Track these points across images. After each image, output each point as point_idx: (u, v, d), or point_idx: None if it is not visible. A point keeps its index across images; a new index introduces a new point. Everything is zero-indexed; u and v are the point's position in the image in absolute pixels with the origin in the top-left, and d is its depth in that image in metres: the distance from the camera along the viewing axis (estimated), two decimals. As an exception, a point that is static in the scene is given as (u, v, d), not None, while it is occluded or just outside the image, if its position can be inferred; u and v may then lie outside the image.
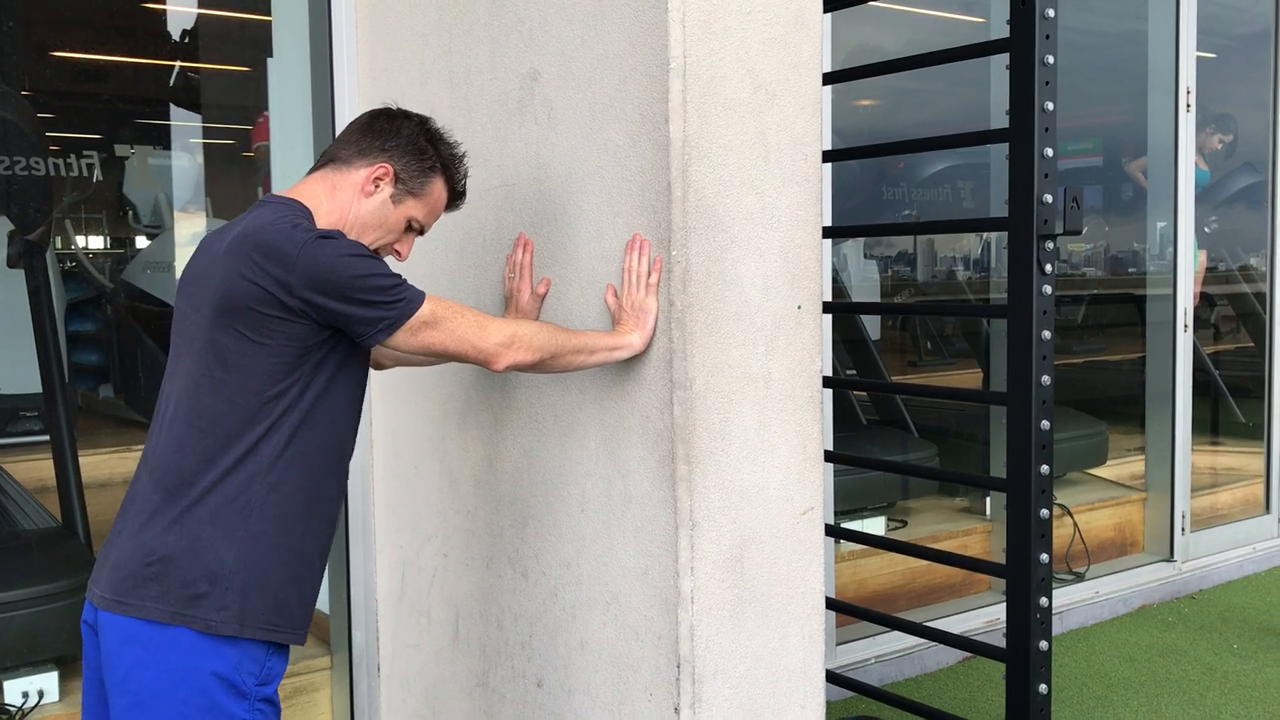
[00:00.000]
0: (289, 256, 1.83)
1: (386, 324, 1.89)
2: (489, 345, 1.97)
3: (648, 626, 2.13)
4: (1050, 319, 2.59)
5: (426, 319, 1.92)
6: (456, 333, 1.95)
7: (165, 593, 1.83)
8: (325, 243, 1.86)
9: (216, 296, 1.86)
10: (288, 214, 1.92)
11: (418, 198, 2.06)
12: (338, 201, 2.01)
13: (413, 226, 2.09)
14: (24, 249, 4.47)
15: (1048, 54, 2.53)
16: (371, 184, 2.02)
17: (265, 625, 1.88)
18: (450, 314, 1.96)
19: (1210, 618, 4.79)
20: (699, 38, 2.01)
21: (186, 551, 1.84)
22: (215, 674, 1.83)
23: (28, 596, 2.97)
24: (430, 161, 2.06)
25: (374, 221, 2.03)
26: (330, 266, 1.84)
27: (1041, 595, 2.64)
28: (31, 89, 5.71)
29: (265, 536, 1.88)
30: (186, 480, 1.86)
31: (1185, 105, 5.10)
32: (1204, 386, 6.16)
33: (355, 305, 1.86)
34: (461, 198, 2.15)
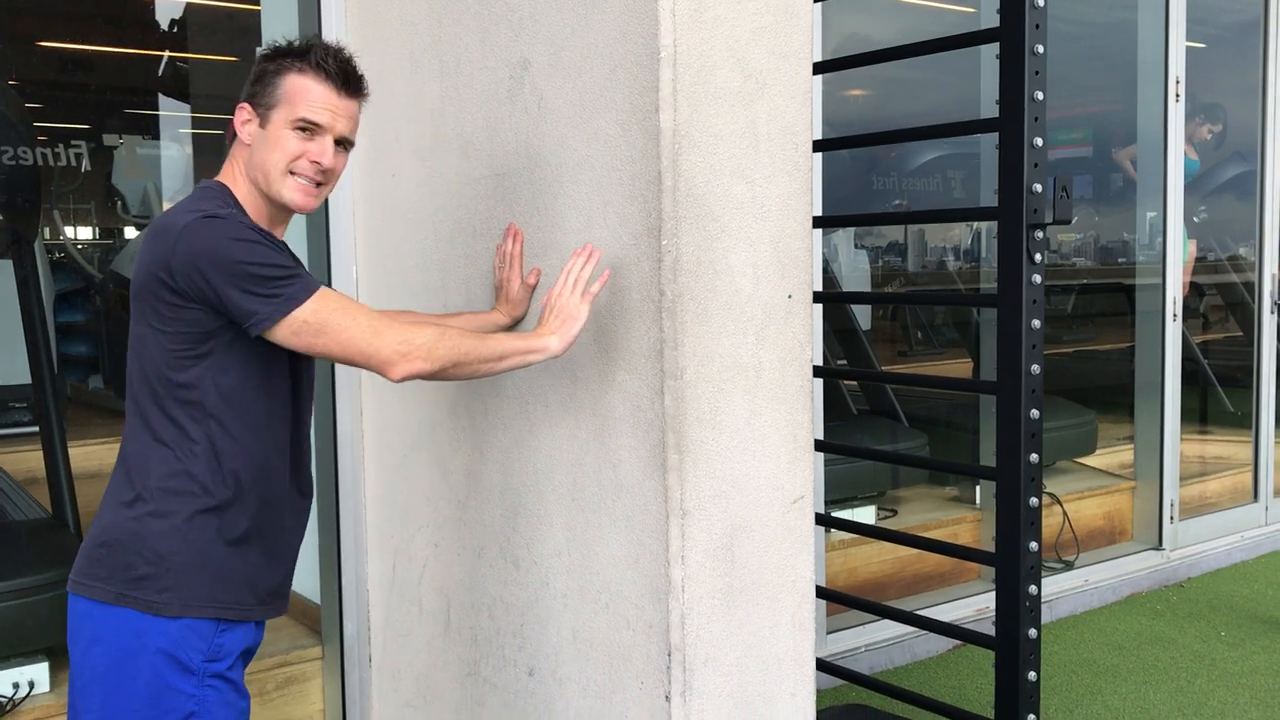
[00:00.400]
0: (170, 239, 1.83)
1: (260, 318, 1.84)
2: (381, 353, 1.89)
3: (639, 615, 2.13)
4: (1040, 308, 2.59)
5: (310, 319, 1.85)
6: (343, 338, 1.87)
7: (111, 574, 1.88)
8: (208, 224, 1.83)
9: (133, 288, 1.90)
10: (199, 198, 1.93)
11: (279, 105, 1.95)
12: (237, 163, 2.00)
13: (302, 127, 1.95)
14: (12, 239, 4.45)
15: (1038, 43, 2.53)
16: (242, 129, 1.98)
17: (209, 603, 1.91)
18: (339, 316, 1.87)
19: (1198, 605, 4.82)
20: (689, 27, 2.00)
21: (130, 534, 1.89)
22: (161, 651, 1.87)
23: (17, 587, 2.96)
24: (272, 71, 1.96)
25: (261, 154, 1.95)
26: (207, 250, 1.82)
27: (1031, 583, 2.65)
28: (19, 79, 5.68)
29: (203, 519, 1.91)
30: (133, 466, 1.92)
31: (1175, 95, 5.11)
32: (1193, 376, 6.19)
33: (232, 291, 1.82)
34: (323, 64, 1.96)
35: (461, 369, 1.97)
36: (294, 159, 1.95)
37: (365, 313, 1.91)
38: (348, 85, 1.99)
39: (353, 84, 2.01)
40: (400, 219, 2.85)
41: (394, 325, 1.92)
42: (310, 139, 1.96)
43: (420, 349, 1.90)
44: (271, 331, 1.85)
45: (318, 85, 1.96)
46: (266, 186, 1.97)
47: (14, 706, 2.93)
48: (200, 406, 1.89)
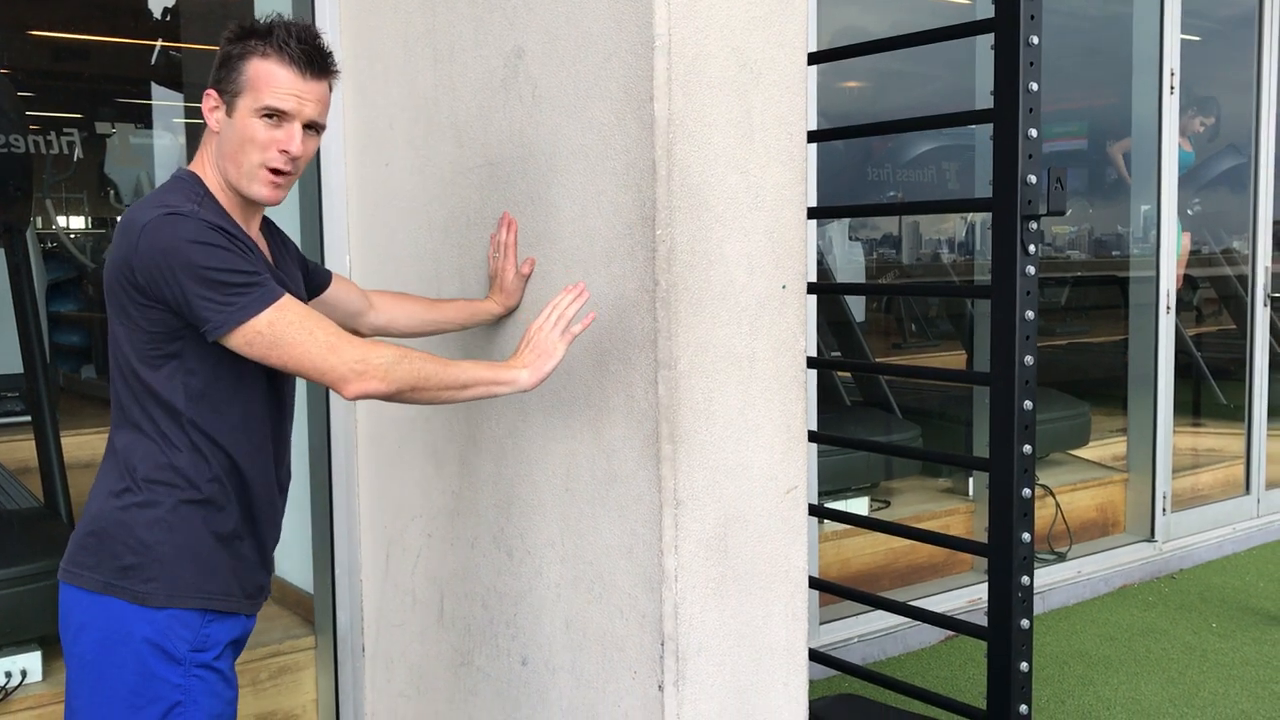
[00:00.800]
0: (133, 236, 1.81)
1: (214, 325, 1.80)
2: (336, 370, 1.83)
3: (632, 605, 2.13)
4: (1034, 300, 2.59)
5: (264, 330, 1.81)
6: (298, 352, 1.83)
7: (99, 563, 1.88)
8: (169, 222, 1.79)
9: (104, 283, 1.88)
10: (167, 189, 1.90)
11: (244, 92, 1.88)
12: (208, 153, 1.95)
13: (269, 115, 1.88)
14: (3, 228, 4.44)
15: (1032, 34, 2.53)
16: (209, 116, 1.93)
17: (196, 594, 1.90)
18: (295, 330, 1.82)
19: (1190, 597, 4.83)
20: (684, 16, 2.00)
21: (117, 523, 1.88)
22: (147, 640, 1.87)
23: (9, 577, 2.96)
24: (236, 55, 1.89)
25: (232, 143, 1.90)
26: (165, 250, 1.78)
27: (1023, 574, 2.66)
28: (11, 67, 5.66)
29: (189, 510, 1.90)
30: (121, 457, 1.91)
31: (1169, 88, 5.11)
32: (1186, 368, 6.20)
33: (190, 295, 1.79)
34: (286, 48, 1.88)
35: (421, 394, 1.92)
36: (264, 149, 1.89)
37: (324, 328, 1.85)
38: (313, 66, 1.91)
39: (318, 64, 1.92)
40: (394, 208, 2.84)
41: (353, 343, 1.86)
42: (278, 126, 1.89)
43: (377, 369, 1.85)
44: (226, 339, 1.82)
45: (281, 69, 1.88)
46: (236, 179, 1.92)
47: (6, 696, 2.93)
48: (174, 405, 1.88)
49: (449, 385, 1.94)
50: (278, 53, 1.88)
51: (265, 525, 2.04)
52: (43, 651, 3.02)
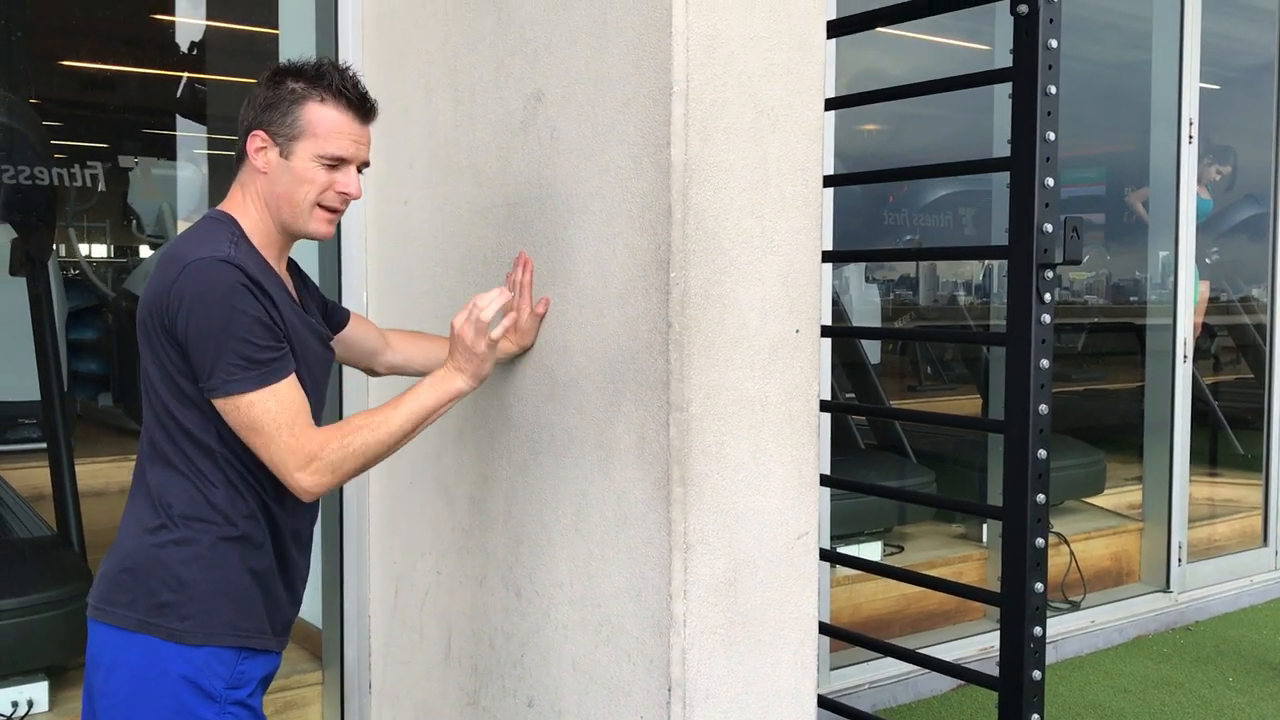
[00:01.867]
0: (172, 276, 1.82)
1: (207, 388, 1.83)
2: (288, 474, 1.85)
3: (640, 649, 2.12)
4: (1049, 348, 2.59)
5: (242, 408, 1.82)
6: (267, 448, 1.85)
7: (134, 600, 1.87)
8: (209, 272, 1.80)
9: (138, 318, 1.90)
10: (203, 232, 1.91)
11: (303, 137, 1.91)
12: (250, 193, 1.96)
13: (329, 162, 1.93)
14: (25, 258, 4.48)
15: (1050, 84, 2.54)
16: (258, 156, 1.94)
17: (232, 632, 1.91)
18: (270, 425, 1.83)
19: (1206, 650, 4.78)
20: (702, 62, 2.01)
21: (153, 560, 1.88)
22: (184, 678, 1.86)
23: (20, 605, 2.96)
24: (289, 98, 1.92)
25: (284, 186, 1.93)
26: (195, 296, 1.80)
27: (1035, 625, 2.63)
28: (39, 98, 5.73)
29: (226, 548, 1.90)
30: (155, 493, 1.91)
31: (1188, 136, 5.12)
32: (1203, 417, 6.16)
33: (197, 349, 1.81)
34: (344, 94, 1.93)
35: (380, 459, 1.95)
36: (323, 190, 1.93)
37: (290, 429, 1.84)
38: (367, 112, 1.98)
39: (370, 109, 1.99)
40: (412, 246, 2.86)
41: (305, 447, 1.85)
42: (336, 169, 1.94)
43: (325, 463, 1.86)
44: (213, 400, 1.84)
45: (340, 115, 1.93)
46: (292, 219, 1.95)
47: (13, 725, 2.92)
48: (208, 443, 1.89)
49: (396, 437, 1.95)
50: (335, 98, 1.92)
51: (296, 562, 2.05)
52: (50, 681, 3.02)
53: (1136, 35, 5.62)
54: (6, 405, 5.03)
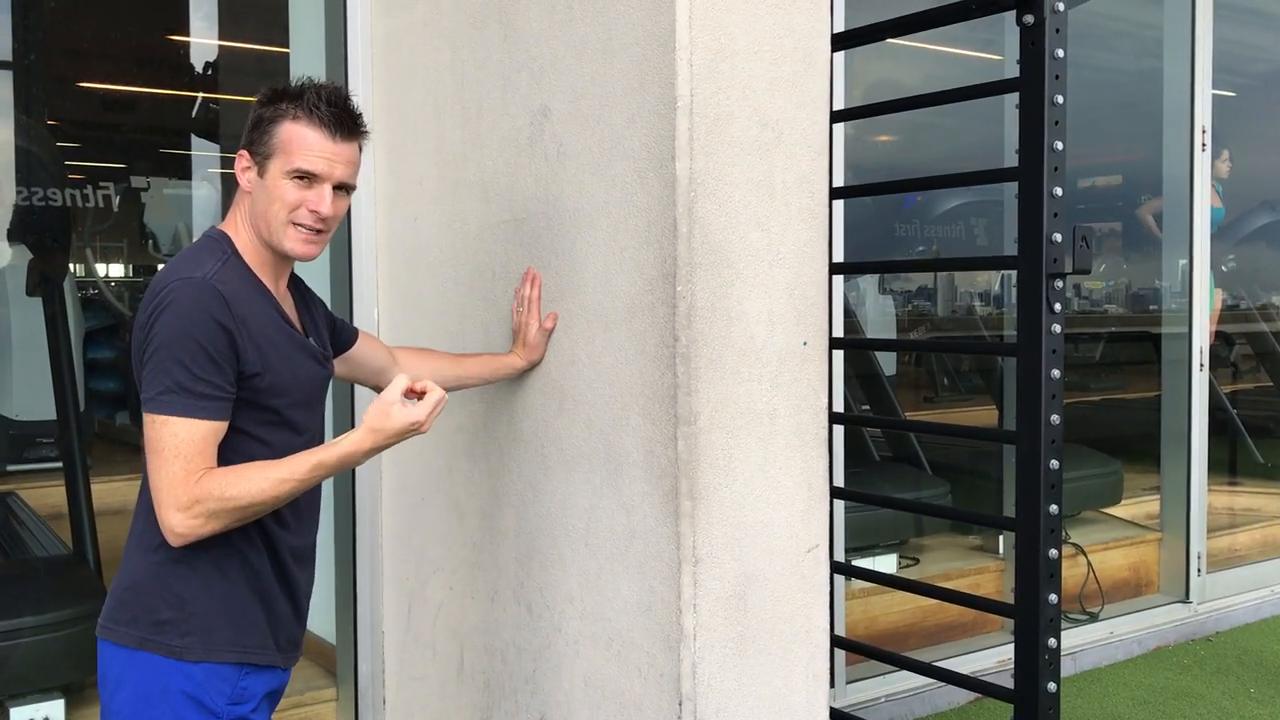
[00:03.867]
0: (156, 295, 1.83)
1: (143, 397, 1.82)
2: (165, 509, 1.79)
3: (650, 664, 2.12)
4: (1060, 358, 2.58)
5: (156, 425, 1.79)
6: (158, 471, 1.80)
7: (134, 619, 1.88)
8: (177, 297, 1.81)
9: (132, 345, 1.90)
10: (193, 251, 1.92)
11: (275, 155, 1.91)
12: (240, 212, 1.98)
13: (299, 176, 1.91)
14: (41, 278, 4.52)
15: (1057, 94, 2.53)
16: (241, 176, 1.96)
17: (232, 648, 1.91)
18: (170, 451, 1.79)
19: (1227, 660, 4.73)
20: (706, 76, 2.02)
21: (153, 579, 1.89)
22: (185, 694, 1.87)
23: (36, 624, 2.98)
24: (268, 118, 1.92)
25: (262, 204, 1.93)
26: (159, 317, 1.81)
27: (1050, 636, 2.62)
28: (54, 119, 5.77)
29: (225, 565, 1.91)
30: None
31: (1201, 144, 5.10)
32: (1222, 426, 6.12)
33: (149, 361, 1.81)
34: (316, 111, 1.91)
35: (257, 515, 1.87)
36: (293, 209, 1.92)
37: (186, 463, 1.79)
38: (342, 129, 1.94)
39: (348, 127, 1.95)
40: (421, 262, 2.87)
41: (191, 489, 1.79)
42: (309, 187, 1.92)
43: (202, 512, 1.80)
44: (143, 411, 1.83)
45: (312, 132, 1.91)
46: (268, 236, 1.94)
47: (29, 743, 2.94)
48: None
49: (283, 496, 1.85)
50: (308, 115, 1.91)
51: (297, 578, 2.05)
52: (66, 699, 3.03)
53: (1150, 43, 5.60)
54: (24, 425, 5.07)
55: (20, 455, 5.12)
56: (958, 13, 2.69)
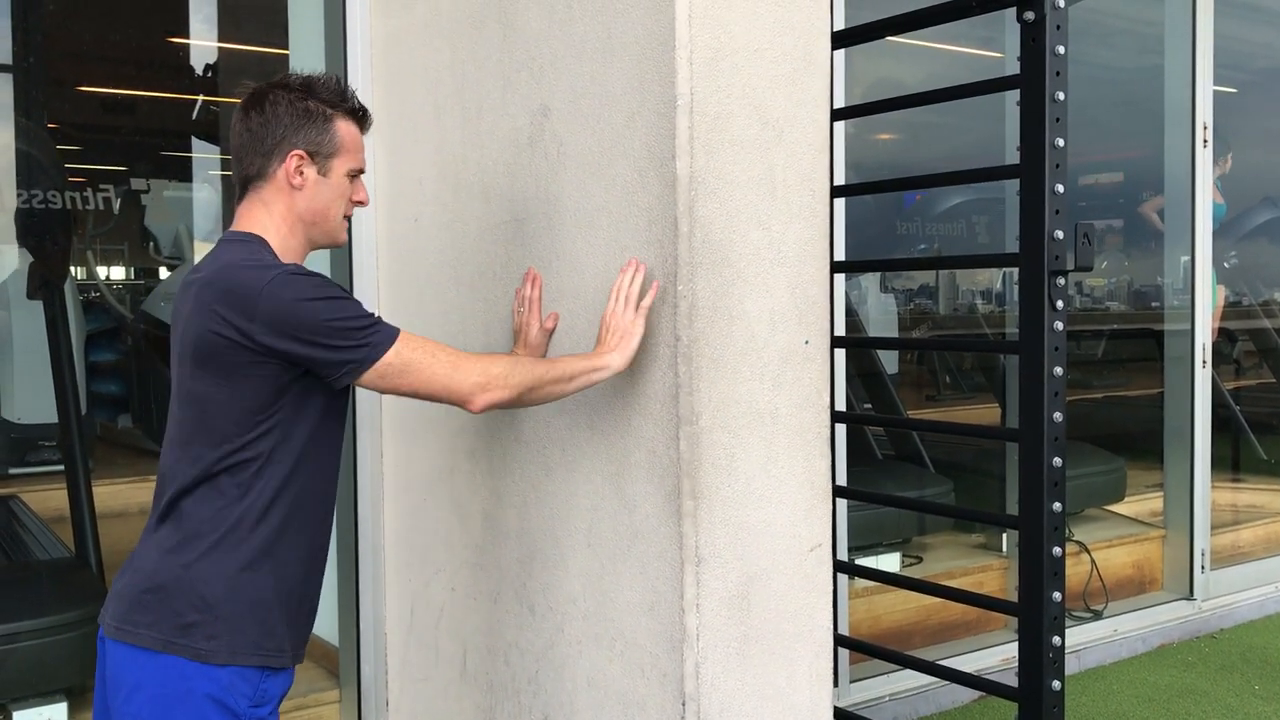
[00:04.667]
0: (249, 303, 1.83)
1: (351, 368, 1.87)
2: (463, 388, 1.93)
3: (653, 664, 2.11)
4: (1062, 355, 2.57)
5: (393, 362, 1.89)
6: (426, 375, 1.92)
7: (157, 621, 1.87)
8: (288, 283, 1.84)
9: (190, 350, 1.89)
10: (247, 253, 1.92)
11: (338, 154, 2.00)
12: (277, 211, 1.98)
13: (354, 175, 2.04)
14: (41, 282, 4.52)
15: (1058, 90, 2.53)
16: (296, 175, 1.97)
17: (256, 651, 1.91)
18: (422, 356, 1.91)
19: (1231, 658, 4.73)
20: (705, 75, 2.01)
21: (178, 581, 1.87)
22: (209, 696, 1.86)
23: (38, 627, 2.98)
24: (322, 115, 1.98)
25: (321, 203, 2.00)
26: (291, 311, 1.83)
27: (1054, 634, 2.61)
28: (54, 122, 5.77)
29: (255, 567, 1.90)
30: (183, 514, 1.90)
31: (1202, 140, 5.09)
32: (1225, 422, 6.11)
33: (319, 349, 1.85)
34: (367, 116, 2.07)
35: (536, 393, 2.02)
36: (348, 205, 2.05)
37: (444, 350, 1.95)
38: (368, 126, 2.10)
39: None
40: (422, 263, 2.87)
41: (470, 359, 1.97)
42: (360, 182, 2.07)
43: (498, 379, 1.96)
44: (361, 378, 1.89)
45: (357, 131, 2.05)
46: (324, 232, 2.03)
47: (32, 746, 2.93)
48: (264, 460, 1.89)
49: (557, 379, 2.03)
50: (353, 115, 2.04)
51: (316, 581, 2.06)
52: (69, 702, 3.03)
53: (1151, 40, 5.59)
54: (26, 428, 5.07)
55: (22, 458, 5.13)
56: (958, 10, 2.68)
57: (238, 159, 2.00)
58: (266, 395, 1.87)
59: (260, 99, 1.97)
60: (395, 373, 1.90)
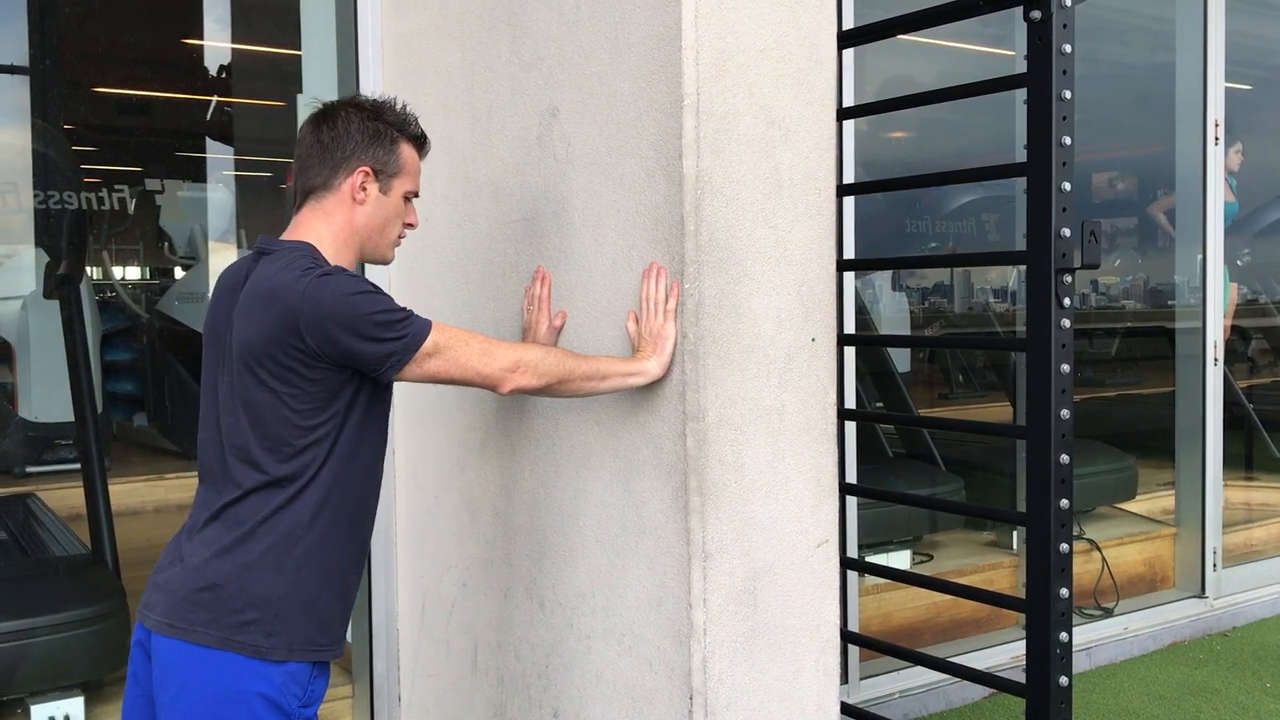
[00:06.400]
0: (293, 305, 1.88)
1: (395, 359, 1.92)
2: (493, 371, 1.99)
3: (661, 658, 2.13)
4: (1069, 352, 2.58)
5: (430, 351, 1.95)
6: (460, 360, 1.98)
7: (214, 619, 1.89)
8: (325, 283, 1.89)
9: (238, 354, 1.93)
10: (293, 258, 1.95)
11: (400, 175, 2.09)
12: (336, 223, 2.04)
13: (409, 197, 2.13)
14: (59, 281, 4.56)
15: (1065, 89, 2.54)
16: (360, 190, 2.04)
17: (311, 646, 1.95)
18: (455, 342, 1.98)
19: (1243, 656, 4.72)
20: (712, 75, 2.03)
21: (236, 579, 1.91)
22: (262, 695, 1.89)
23: (55, 622, 3.01)
24: (389, 136, 2.07)
25: (379, 219, 2.08)
26: (333, 308, 1.87)
27: (1061, 630, 2.62)
28: (70, 123, 5.82)
29: (311, 563, 1.95)
30: (237, 514, 1.93)
31: (1214, 138, 5.08)
32: (1238, 421, 6.09)
33: (365, 342, 1.89)
34: (427, 142, 2.17)
35: (566, 385, 2.07)
36: (401, 226, 2.13)
37: (475, 336, 2.02)
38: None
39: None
40: (433, 262, 2.89)
41: (502, 344, 2.04)
42: (412, 205, 2.15)
43: (529, 365, 2.02)
44: (402, 371, 1.94)
45: (417, 157, 2.14)
46: (376, 249, 2.10)
47: (49, 741, 2.97)
48: (319, 461, 1.93)
49: (589, 376, 2.08)
50: (417, 141, 2.14)
51: (361, 573, 2.11)
52: (85, 698, 3.06)
53: (1163, 37, 5.58)
54: (43, 426, 5.11)
55: (39, 457, 5.17)
56: (966, 9, 2.69)
57: (303, 169, 2.06)
58: (320, 398, 1.92)
59: (332, 115, 2.06)
60: (432, 361, 1.95)
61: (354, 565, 2.05)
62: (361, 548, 2.07)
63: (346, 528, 2.00)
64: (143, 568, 4.09)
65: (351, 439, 1.97)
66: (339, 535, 1.98)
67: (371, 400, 2.00)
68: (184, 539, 1.99)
